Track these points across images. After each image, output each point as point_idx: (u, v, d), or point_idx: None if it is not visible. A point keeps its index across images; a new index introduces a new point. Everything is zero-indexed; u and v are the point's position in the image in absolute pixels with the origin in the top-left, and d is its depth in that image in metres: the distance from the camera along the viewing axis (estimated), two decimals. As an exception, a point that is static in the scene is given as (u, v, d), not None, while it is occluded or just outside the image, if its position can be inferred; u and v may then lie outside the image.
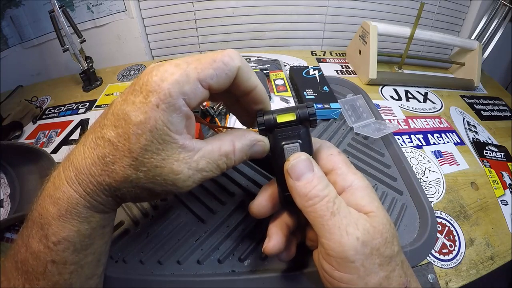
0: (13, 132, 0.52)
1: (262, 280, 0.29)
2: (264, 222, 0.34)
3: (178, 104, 0.18)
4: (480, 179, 0.45)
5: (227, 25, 0.75)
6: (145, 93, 0.18)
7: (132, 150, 0.18)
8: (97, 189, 0.20)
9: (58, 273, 0.21)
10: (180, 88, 0.18)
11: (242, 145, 0.22)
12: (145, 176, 0.19)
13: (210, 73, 0.19)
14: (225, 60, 0.19)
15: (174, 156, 0.19)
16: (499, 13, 0.74)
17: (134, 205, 0.36)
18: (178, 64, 0.19)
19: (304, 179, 0.21)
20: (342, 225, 0.19)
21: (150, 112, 0.18)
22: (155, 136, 0.18)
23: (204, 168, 0.20)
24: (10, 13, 0.61)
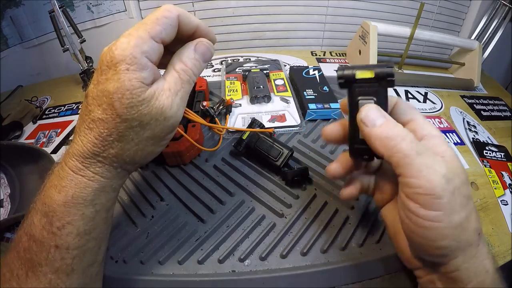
0: (13, 132, 0.52)
1: (262, 280, 0.29)
2: (263, 223, 0.34)
3: (144, 62, 0.21)
4: (480, 179, 0.45)
5: (227, 25, 0.75)
6: (113, 66, 0.20)
7: (120, 114, 0.21)
8: (105, 165, 0.22)
9: (60, 258, 0.22)
10: (140, 49, 0.21)
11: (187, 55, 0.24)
12: (141, 128, 0.22)
13: (158, 29, 0.22)
14: (166, 14, 0.22)
15: (153, 98, 0.22)
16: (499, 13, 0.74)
17: (134, 206, 0.36)
18: (129, 33, 0.21)
19: (380, 124, 0.22)
20: (429, 163, 0.20)
21: (123, 76, 0.20)
22: (133, 92, 0.21)
23: (176, 89, 0.23)
24: (10, 13, 0.61)
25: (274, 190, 0.37)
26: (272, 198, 0.37)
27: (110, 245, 0.32)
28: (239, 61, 0.66)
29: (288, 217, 0.35)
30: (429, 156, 0.21)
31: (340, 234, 0.33)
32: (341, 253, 0.32)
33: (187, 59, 0.24)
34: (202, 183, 0.38)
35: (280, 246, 0.32)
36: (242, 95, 0.51)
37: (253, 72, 0.54)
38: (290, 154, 0.38)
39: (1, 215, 0.39)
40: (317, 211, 0.35)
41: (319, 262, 0.31)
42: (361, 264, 0.31)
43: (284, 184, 0.38)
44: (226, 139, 0.43)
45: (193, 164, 0.40)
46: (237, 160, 0.40)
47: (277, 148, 0.38)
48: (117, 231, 0.34)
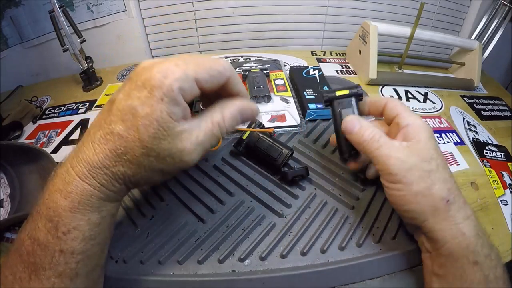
0: (13, 132, 0.52)
1: (262, 280, 0.29)
2: (263, 222, 0.34)
3: (178, 98, 0.21)
4: (480, 179, 0.45)
5: (227, 25, 0.75)
6: (149, 88, 0.20)
7: (142, 139, 0.21)
8: (111, 179, 0.22)
9: (65, 263, 0.22)
10: (180, 84, 0.21)
11: (230, 111, 0.25)
12: (156, 160, 0.22)
13: (205, 77, 0.22)
14: (220, 69, 0.23)
15: (178, 138, 0.22)
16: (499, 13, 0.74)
17: (134, 206, 0.36)
18: (178, 64, 0.21)
19: (355, 131, 0.30)
20: (386, 153, 0.28)
21: (155, 105, 0.20)
22: (161, 124, 0.21)
23: (203, 140, 0.23)
24: (10, 13, 0.61)
25: (274, 190, 0.37)
26: (272, 198, 0.37)
27: (110, 245, 0.32)
28: (239, 61, 0.66)
29: (288, 217, 0.35)
30: (387, 147, 0.28)
31: (339, 234, 0.33)
32: (341, 253, 0.32)
33: (228, 115, 0.24)
34: (202, 183, 0.38)
35: (280, 246, 0.32)
36: (242, 95, 0.50)
37: (253, 72, 0.54)
38: (290, 154, 0.38)
39: (1, 215, 0.39)
40: (317, 211, 0.35)
41: (319, 262, 0.31)
42: (361, 264, 0.31)
43: (284, 184, 0.38)
44: (226, 139, 0.43)
45: (193, 164, 0.40)
46: (237, 160, 0.40)
47: (277, 148, 0.38)
48: (117, 231, 0.34)
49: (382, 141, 0.28)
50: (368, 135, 0.29)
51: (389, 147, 0.28)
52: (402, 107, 0.31)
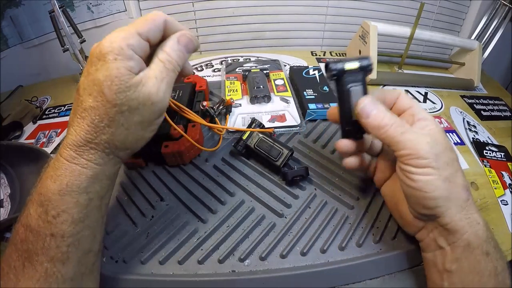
0: (13, 132, 0.52)
1: (262, 280, 0.30)
2: (263, 222, 0.34)
3: (130, 53, 0.23)
4: (480, 179, 0.45)
5: (227, 25, 0.75)
6: (102, 57, 0.22)
7: (109, 99, 0.22)
8: (98, 151, 0.23)
9: (56, 246, 0.23)
10: (127, 41, 0.22)
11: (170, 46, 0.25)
12: (129, 112, 0.23)
13: (145, 28, 0.24)
14: (153, 17, 0.24)
15: (140, 85, 0.23)
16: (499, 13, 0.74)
17: (134, 206, 0.36)
18: (118, 29, 0.23)
19: (372, 116, 0.28)
20: (413, 137, 0.26)
21: (111, 65, 0.22)
22: (121, 79, 0.22)
23: (162, 77, 0.24)
24: (10, 13, 0.61)
25: (274, 190, 0.37)
26: (272, 198, 0.37)
27: (110, 245, 0.32)
28: (239, 61, 0.66)
29: (288, 217, 0.35)
30: (412, 132, 0.27)
31: (339, 234, 0.33)
32: (341, 253, 0.32)
33: (170, 50, 0.25)
34: (202, 183, 0.38)
35: (280, 246, 0.32)
36: (242, 95, 0.51)
37: (253, 72, 0.54)
38: (290, 154, 0.38)
39: (1, 215, 0.39)
40: (317, 211, 0.35)
41: (319, 262, 0.31)
42: (361, 264, 0.31)
43: (284, 184, 0.38)
44: (226, 139, 0.43)
45: (193, 164, 0.40)
46: (237, 160, 0.41)
47: (277, 148, 0.38)
48: (117, 231, 0.34)
49: (407, 126, 0.27)
50: (389, 120, 0.28)
51: (416, 132, 0.27)
52: (415, 102, 0.31)
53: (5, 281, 0.23)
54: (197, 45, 0.27)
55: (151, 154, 0.39)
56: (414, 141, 0.26)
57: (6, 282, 0.23)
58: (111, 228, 0.34)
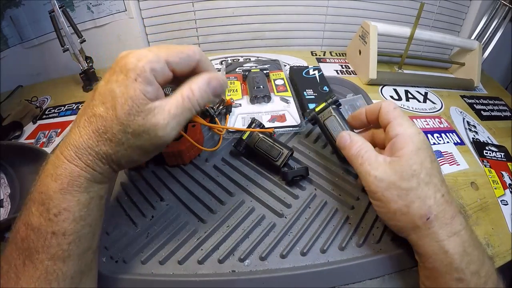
0: (13, 132, 0.52)
1: (262, 280, 0.30)
2: (263, 223, 0.34)
3: (151, 78, 0.23)
4: (480, 179, 0.45)
5: (227, 25, 0.75)
6: (125, 71, 0.22)
7: (119, 117, 0.22)
8: (95, 159, 0.24)
9: (57, 244, 0.23)
10: (152, 66, 0.23)
11: (198, 83, 0.25)
12: (132, 136, 0.23)
13: (175, 59, 0.24)
14: (189, 53, 0.25)
15: (151, 114, 0.23)
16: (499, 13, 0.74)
17: (134, 206, 0.36)
18: (150, 49, 0.23)
19: (344, 148, 0.32)
20: (367, 170, 0.28)
21: (130, 84, 0.22)
22: (135, 101, 0.22)
23: (175, 113, 0.24)
24: (10, 13, 0.61)
25: (274, 190, 0.37)
26: (272, 198, 0.37)
27: (110, 245, 0.32)
28: (239, 61, 0.66)
29: (288, 217, 0.35)
30: (369, 164, 0.29)
31: (340, 234, 0.33)
32: (341, 253, 0.32)
33: (196, 88, 0.25)
34: (202, 183, 0.38)
35: (280, 246, 0.32)
36: (242, 95, 0.51)
37: (253, 72, 0.54)
38: (290, 154, 0.38)
39: (1, 215, 0.39)
40: (317, 211, 0.35)
41: (319, 262, 0.31)
42: (361, 264, 0.31)
43: (284, 184, 0.38)
44: (226, 139, 0.43)
45: (193, 164, 0.40)
46: (237, 160, 0.41)
47: (277, 148, 0.38)
48: (117, 231, 0.34)
49: (366, 157, 0.29)
50: (354, 150, 0.30)
51: (371, 164, 0.29)
52: (395, 113, 0.30)
53: (6, 280, 0.23)
54: (225, 89, 0.28)
55: (151, 154, 0.39)
56: (365, 174, 0.29)
57: (7, 281, 0.23)
58: (111, 228, 0.34)
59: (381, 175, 0.27)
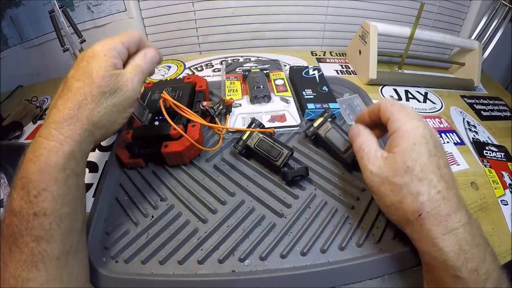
0: (13, 132, 0.52)
1: (262, 280, 0.30)
2: (263, 222, 0.34)
3: (115, 54, 0.29)
4: (480, 179, 0.45)
5: (227, 25, 0.75)
6: (94, 55, 0.28)
7: (95, 81, 0.27)
8: (76, 127, 0.26)
9: (39, 225, 0.24)
10: (114, 46, 0.29)
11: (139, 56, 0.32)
12: (110, 95, 0.28)
13: (126, 40, 0.31)
14: (133, 34, 0.32)
15: (120, 76, 0.29)
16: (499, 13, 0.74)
17: (134, 206, 0.36)
18: (105, 40, 0.29)
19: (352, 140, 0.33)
20: (365, 164, 0.30)
21: (101, 58, 0.28)
22: (108, 68, 0.28)
23: (135, 73, 0.30)
24: (10, 13, 0.61)
25: (274, 190, 0.37)
26: (272, 198, 0.37)
27: (110, 245, 0.32)
28: (239, 61, 0.66)
29: (288, 217, 0.35)
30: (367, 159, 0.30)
31: (339, 234, 0.33)
32: (341, 253, 0.32)
33: (138, 60, 0.32)
34: (202, 183, 0.38)
35: (280, 246, 0.32)
36: (242, 95, 0.51)
37: (253, 72, 0.54)
38: (290, 154, 0.38)
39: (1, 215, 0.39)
40: (317, 211, 0.35)
41: (319, 262, 0.31)
42: (361, 264, 0.31)
43: (284, 184, 0.38)
44: (226, 139, 0.43)
45: (193, 164, 0.40)
46: (237, 160, 0.41)
47: (277, 148, 0.38)
48: (117, 231, 0.34)
49: (366, 151, 0.30)
50: (358, 143, 0.32)
51: (369, 158, 0.30)
52: (394, 109, 0.30)
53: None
54: (161, 58, 0.35)
55: (151, 154, 0.39)
56: (363, 168, 0.30)
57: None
58: (111, 228, 0.34)
59: (376, 170, 0.29)
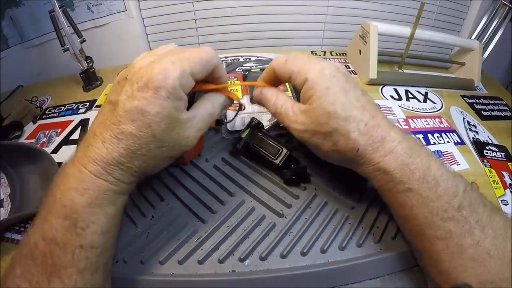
0: (13, 132, 0.52)
1: (262, 280, 0.29)
2: (263, 223, 0.34)
3: (181, 94, 0.24)
4: (480, 179, 0.45)
5: (227, 25, 0.75)
6: (153, 89, 0.22)
7: (155, 135, 0.23)
8: (127, 173, 0.24)
9: (85, 258, 0.23)
10: (180, 82, 0.23)
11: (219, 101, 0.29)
12: (167, 149, 0.25)
13: (198, 69, 0.25)
14: (209, 59, 0.25)
15: (184, 127, 0.25)
16: (499, 13, 0.74)
17: (134, 206, 0.36)
18: (173, 62, 0.23)
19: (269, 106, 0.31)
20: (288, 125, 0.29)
21: (163, 103, 0.23)
22: (170, 118, 0.24)
23: (201, 127, 0.27)
24: (10, 13, 0.61)
25: (274, 190, 0.37)
26: (272, 198, 0.36)
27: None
28: (239, 61, 0.66)
29: (288, 217, 0.35)
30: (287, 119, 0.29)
31: (340, 234, 0.33)
32: (341, 253, 0.32)
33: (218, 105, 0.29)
34: (202, 183, 0.38)
35: (280, 246, 0.32)
36: (242, 95, 0.50)
37: (253, 72, 0.54)
38: (289, 153, 0.38)
39: (1, 215, 0.39)
40: (317, 211, 0.35)
41: (319, 262, 0.31)
42: (361, 264, 0.31)
43: (283, 183, 0.37)
44: (226, 139, 0.43)
45: (193, 164, 0.40)
46: (237, 160, 0.40)
47: (276, 147, 0.38)
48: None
49: (284, 112, 0.29)
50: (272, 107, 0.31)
51: (289, 117, 0.29)
52: (290, 64, 0.28)
53: None
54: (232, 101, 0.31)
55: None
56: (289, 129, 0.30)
57: None
58: (111, 228, 0.34)
59: (301, 126, 0.28)
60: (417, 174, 0.26)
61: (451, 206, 0.25)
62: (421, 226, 0.26)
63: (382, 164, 0.26)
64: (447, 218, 0.24)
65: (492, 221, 0.25)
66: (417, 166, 0.26)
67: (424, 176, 0.26)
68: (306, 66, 0.27)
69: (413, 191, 0.26)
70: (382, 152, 0.26)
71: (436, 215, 0.25)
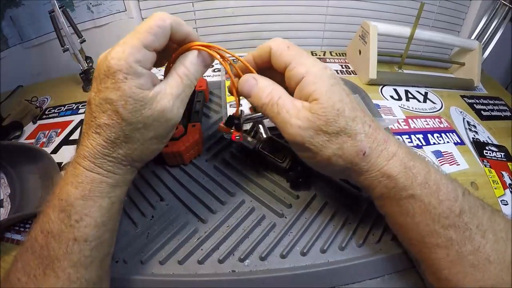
0: (13, 132, 0.52)
1: (262, 280, 0.30)
2: (263, 223, 0.34)
3: (139, 70, 0.22)
4: (480, 179, 0.45)
5: (227, 25, 0.75)
6: (111, 76, 0.22)
7: (125, 118, 0.23)
8: (115, 164, 0.24)
9: (79, 251, 0.23)
10: (134, 58, 0.22)
11: (190, 60, 0.26)
12: (145, 129, 0.24)
13: (151, 38, 0.23)
14: (159, 23, 0.23)
15: (154, 101, 0.23)
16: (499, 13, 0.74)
17: (134, 206, 0.36)
18: (123, 42, 0.23)
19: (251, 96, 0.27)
20: (286, 119, 0.25)
21: (122, 85, 0.22)
22: (135, 98, 0.22)
23: (177, 93, 0.25)
24: (10, 13, 0.61)
25: (274, 190, 0.37)
26: (272, 198, 0.37)
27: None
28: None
29: (288, 217, 0.35)
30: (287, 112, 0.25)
31: (340, 234, 0.33)
32: (341, 253, 0.32)
33: (189, 64, 0.25)
34: (202, 183, 0.38)
35: (280, 246, 0.32)
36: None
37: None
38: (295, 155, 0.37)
39: (1, 215, 0.39)
40: (317, 211, 0.35)
41: (319, 262, 0.31)
42: (361, 264, 0.31)
43: (289, 186, 0.37)
44: (225, 139, 0.43)
45: (193, 164, 0.40)
46: (237, 160, 0.40)
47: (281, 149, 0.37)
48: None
49: (281, 104, 0.25)
50: (265, 98, 0.26)
51: (289, 111, 0.25)
52: (291, 53, 0.26)
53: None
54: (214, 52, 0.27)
55: (151, 154, 0.39)
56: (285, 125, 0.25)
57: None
58: (111, 228, 0.34)
59: (304, 123, 0.24)
60: (419, 178, 0.25)
61: (452, 212, 0.24)
62: (422, 235, 0.25)
63: (387, 169, 0.25)
64: (448, 225, 0.24)
65: (493, 224, 0.24)
66: (418, 170, 0.25)
67: (426, 181, 0.25)
68: (309, 60, 0.26)
69: (416, 197, 0.25)
70: (386, 155, 0.25)
71: (437, 223, 0.24)
